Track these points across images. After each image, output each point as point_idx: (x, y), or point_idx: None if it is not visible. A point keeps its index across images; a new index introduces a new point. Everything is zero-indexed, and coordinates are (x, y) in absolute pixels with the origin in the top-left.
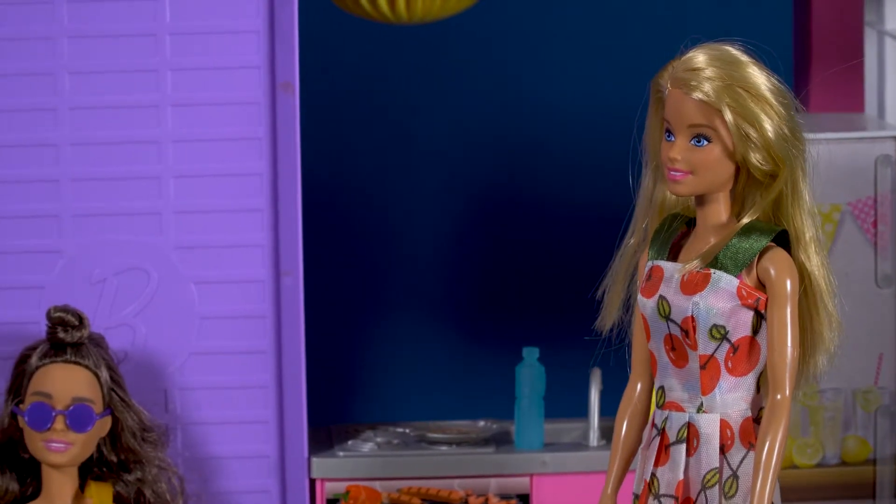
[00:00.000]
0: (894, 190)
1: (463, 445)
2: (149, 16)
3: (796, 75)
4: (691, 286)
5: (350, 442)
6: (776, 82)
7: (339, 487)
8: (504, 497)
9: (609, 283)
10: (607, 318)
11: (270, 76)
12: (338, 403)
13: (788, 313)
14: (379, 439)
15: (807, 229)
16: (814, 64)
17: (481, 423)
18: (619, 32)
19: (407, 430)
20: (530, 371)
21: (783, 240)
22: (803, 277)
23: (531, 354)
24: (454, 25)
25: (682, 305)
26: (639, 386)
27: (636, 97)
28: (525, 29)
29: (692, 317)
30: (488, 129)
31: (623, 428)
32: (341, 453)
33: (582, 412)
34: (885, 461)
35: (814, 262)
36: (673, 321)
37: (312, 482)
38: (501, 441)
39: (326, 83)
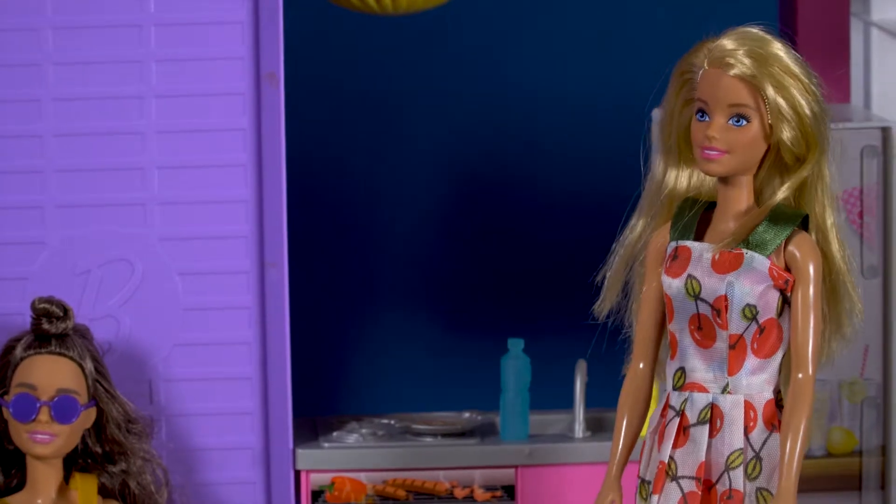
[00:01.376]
0: (881, 181)
1: (448, 437)
2: (134, 6)
3: None
4: (724, 266)
5: (335, 433)
6: (804, 63)
7: (325, 479)
8: (489, 488)
9: (611, 267)
10: (606, 302)
11: (255, 67)
12: (322, 395)
13: (812, 295)
14: (364, 431)
15: (829, 215)
16: (800, 53)
17: (466, 415)
18: (606, 22)
19: (392, 422)
20: (515, 362)
21: (804, 224)
22: (824, 262)
23: (516, 346)
24: (439, 16)
25: (714, 285)
26: (641, 367)
27: (622, 89)
28: (511, 19)
29: (725, 296)
30: (474, 120)
31: (626, 411)
32: (326, 445)
33: (567, 404)
34: (871, 453)
35: (834, 247)
36: (703, 300)
37: (297, 473)
38: (486, 433)
39: (312, 74)
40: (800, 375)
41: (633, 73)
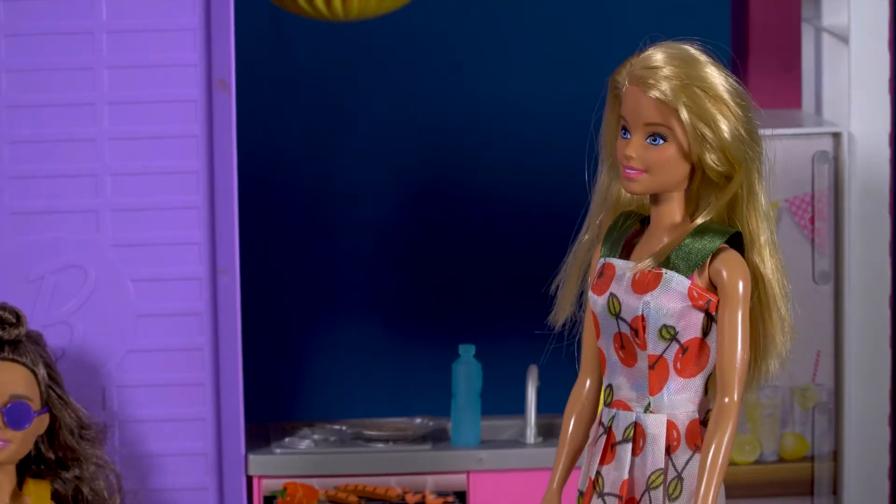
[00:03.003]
0: (832, 186)
1: (399, 443)
2: (85, 13)
3: (733, 71)
4: (642, 285)
5: (287, 439)
6: (734, 83)
7: (277, 485)
8: (441, 494)
9: (562, 279)
10: (560, 314)
11: (207, 73)
12: (275, 401)
13: (739, 316)
14: (316, 437)
15: (762, 232)
16: (751, 59)
17: (418, 421)
18: (559, 27)
19: (344, 428)
20: (467, 368)
21: (737, 242)
22: (757, 280)
23: (467, 351)
24: (392, 22)
25: (632, 304)
26: (588, 382)
27: (578, 94)
28: (466, 24)
29: (642, 316)
30: (426, 126)
31: (570, 424)
32: (278, 450)
33: (519, 409)
34: (823, 458)
35: (768, 265)
36: (623, 320)
37: (249, 479)
38: (438, 438)
39: (263, 80)
40: (725, 399)
41: (587, 79)
